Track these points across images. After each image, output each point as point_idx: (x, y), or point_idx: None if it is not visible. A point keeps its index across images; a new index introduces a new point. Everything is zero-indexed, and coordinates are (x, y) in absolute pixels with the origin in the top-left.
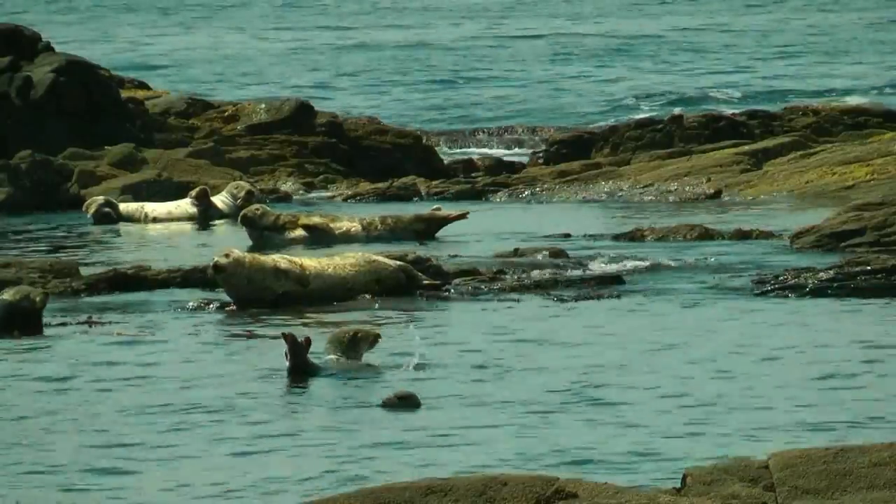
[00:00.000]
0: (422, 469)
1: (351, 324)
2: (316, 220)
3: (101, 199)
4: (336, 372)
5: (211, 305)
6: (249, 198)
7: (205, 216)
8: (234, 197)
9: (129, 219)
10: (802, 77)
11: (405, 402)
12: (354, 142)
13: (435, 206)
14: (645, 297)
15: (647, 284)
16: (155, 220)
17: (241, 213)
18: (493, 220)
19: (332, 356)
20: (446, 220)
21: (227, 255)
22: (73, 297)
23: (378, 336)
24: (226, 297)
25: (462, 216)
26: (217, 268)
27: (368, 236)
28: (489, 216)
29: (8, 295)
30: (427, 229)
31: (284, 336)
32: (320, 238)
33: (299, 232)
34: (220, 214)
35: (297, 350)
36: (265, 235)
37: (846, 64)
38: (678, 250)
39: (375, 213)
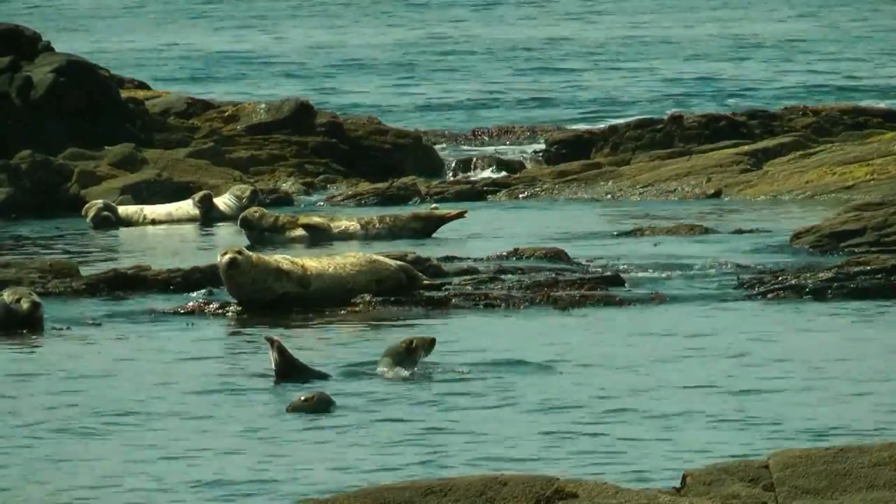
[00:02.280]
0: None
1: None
2: (315, 219)
3: (100, 203)
4: (327, 374)
5: (211, 306)
6: (254, 198)
7: (207, 218)
8: (238, 199)
9: (129, 221)
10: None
11: (310, 405)
12: (354, 142)
13: (433, 206)
14: (643, 301)
15: (645, 286)
16: (154, 222)
17: (241, 216)
18: (493, 221)
19: (385, 368)
20: (444, 219)
21: (240, 252)
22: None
23: (433, 340)
24: (226, 297)
25: (460, 215)
26: (233, 263)
27: (367, 235)
28: (489, 216)
29: (5, 295)
30: (425, 228)
31: (269, 340)
32: (319, 237)
33: (299, 232)
34: (223, 216)
35: (283, 351)
36: (265, 237)
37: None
38: (677, 250)
39: (374, 213)
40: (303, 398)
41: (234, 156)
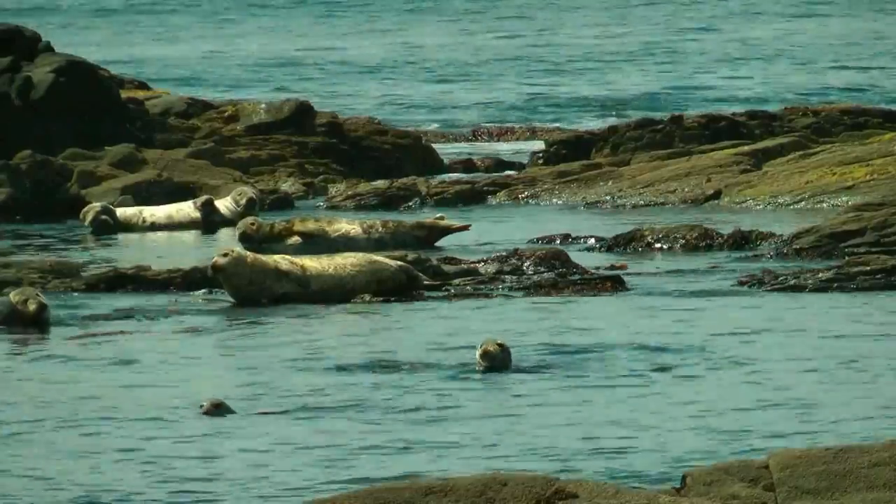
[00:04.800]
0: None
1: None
2: (310, 225)
3: (98, 206)
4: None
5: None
6: (251, 206)
7: (208, 222)
8: (238, 203)
9: (127, 224)
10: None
11: (219, 410)
12: (354, 142)
13: (438, 216)
14: (642, 298)
15: (645, 286)
16: (154, 225)
17: (238, 231)
18: (493, 221)
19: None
20: (448, 230)
21: (225, 255)
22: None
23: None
24: (226, 297)
25: (464, 228)
26: (216, 267)
27: (369, 239)
28: (489, 217)
29: (12, 296)
30: (428, 236)
31: None
32: (317, 243)
33: (297, 238)
34: (223, 219)
35: None
36: (263, 247)
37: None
38: (676, 251)
39: (374, 214)
40: (213, 404)
41: (234, 156)
